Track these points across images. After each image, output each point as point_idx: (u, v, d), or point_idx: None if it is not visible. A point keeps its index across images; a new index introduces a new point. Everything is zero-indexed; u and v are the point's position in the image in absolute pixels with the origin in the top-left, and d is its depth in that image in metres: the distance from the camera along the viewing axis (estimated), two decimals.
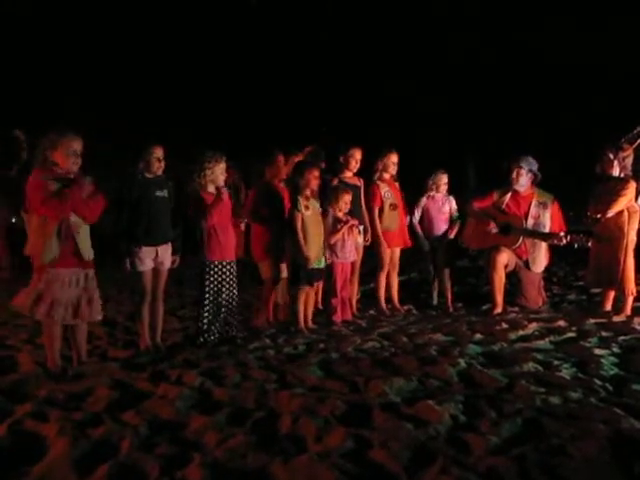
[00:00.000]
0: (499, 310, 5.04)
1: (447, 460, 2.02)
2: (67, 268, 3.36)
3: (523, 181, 5.16)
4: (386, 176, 5.31)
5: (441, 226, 5.52)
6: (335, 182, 4.97)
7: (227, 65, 13.55)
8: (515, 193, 5.20)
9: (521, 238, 5.07)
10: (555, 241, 4.96)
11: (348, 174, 5.12)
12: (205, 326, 4.09)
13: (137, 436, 2.33)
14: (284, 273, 4.67)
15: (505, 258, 5.08)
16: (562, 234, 4.92)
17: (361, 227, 5.04)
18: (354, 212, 4.92)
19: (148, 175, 3.91)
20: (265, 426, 2.42)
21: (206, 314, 4.09)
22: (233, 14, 12.75)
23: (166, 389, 2.93)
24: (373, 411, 2.51)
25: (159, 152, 3.91)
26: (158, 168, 3.92)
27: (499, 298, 5.07)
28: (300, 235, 4.34)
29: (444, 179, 5.56)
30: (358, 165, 5.15)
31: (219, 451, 2.17)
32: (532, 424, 2.33)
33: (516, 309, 5.14)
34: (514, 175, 5.15)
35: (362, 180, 5.23)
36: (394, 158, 5.29)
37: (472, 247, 5.60)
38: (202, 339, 4.07)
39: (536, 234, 5.08)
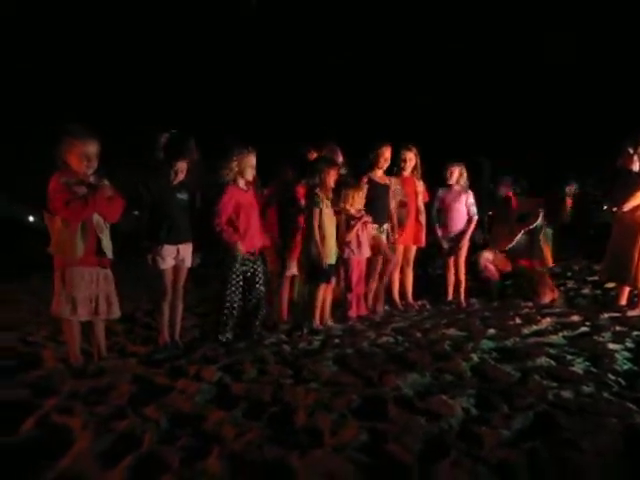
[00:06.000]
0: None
1: (459, 453, 2.06)
2: (87, 267, 3.44)
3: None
4: (405, 173, 5.32)
5: (457, 218, 5.53)
6: (365, 181, 4.95)
7: (230, 66, 13.63)
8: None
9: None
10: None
11: (378, 173, 5.12)
12: (227, 319, 4.09)
13: (158, 429, 2.40)
14: (294, 269, 4.70)
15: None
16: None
17: (386, 226, 5.07)
18: (381, 211, 4.94)
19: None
20: (281, 420, 2.48)
21: (228, 305, 4.07)
22: (235, 15, 12.80)
23: (185, 384, 3.00)
24: (387, 405, 2.56)
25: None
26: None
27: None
28: (317, 232, 4.31)
29: (456, 170, 5.57)
30: (388, 163, 5.14)
31: (237, 444, 2.23)
32: (544, 418, 2.36)
33: (530, 304, 5.15)
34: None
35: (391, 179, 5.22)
36: (406, 155, 5.27)
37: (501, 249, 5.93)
38: (222, 336, 4.08)
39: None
